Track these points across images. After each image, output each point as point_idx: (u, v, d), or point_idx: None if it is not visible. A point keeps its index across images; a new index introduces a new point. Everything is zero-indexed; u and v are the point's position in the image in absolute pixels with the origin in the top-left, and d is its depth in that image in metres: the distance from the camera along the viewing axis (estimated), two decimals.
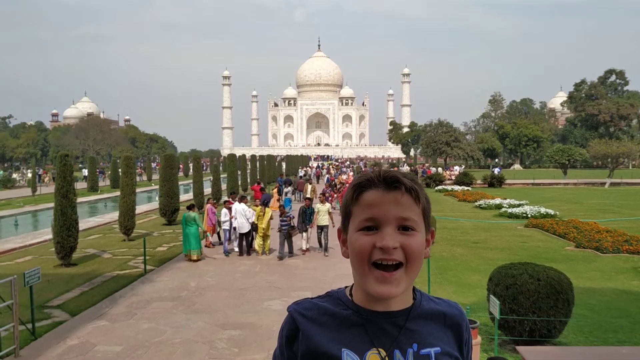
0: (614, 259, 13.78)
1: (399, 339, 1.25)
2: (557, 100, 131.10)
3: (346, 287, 1.39)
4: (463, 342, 1.35)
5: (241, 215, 14.77)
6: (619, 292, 10.65)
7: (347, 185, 23.13)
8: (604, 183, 45.42)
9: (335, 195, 25.52)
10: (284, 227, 14.22)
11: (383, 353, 1.23)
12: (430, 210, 1.31)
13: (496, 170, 52.21)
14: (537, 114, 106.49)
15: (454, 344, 1.32)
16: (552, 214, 22.32)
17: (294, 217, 14.97)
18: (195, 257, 13.89)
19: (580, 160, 58.13)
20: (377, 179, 1.26)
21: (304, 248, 15.08)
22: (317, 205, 15.45)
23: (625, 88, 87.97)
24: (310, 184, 28.42)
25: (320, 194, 18.74)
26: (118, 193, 18.54)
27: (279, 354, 1.37)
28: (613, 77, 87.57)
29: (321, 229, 14.90)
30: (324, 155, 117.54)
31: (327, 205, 15.71)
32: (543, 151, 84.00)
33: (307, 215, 15.09)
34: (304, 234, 15.10)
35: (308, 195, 24.86)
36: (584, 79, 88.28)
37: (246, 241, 14.91)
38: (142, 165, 74.29)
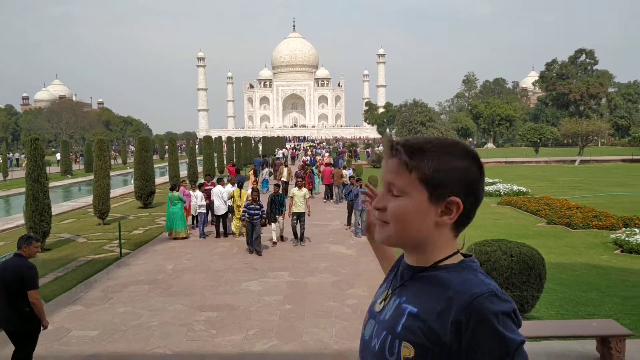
0: (584, 234, 14.10)
1: (399, 288, 1.38)
2: (529, 80, 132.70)
3: None
4: (458, 328, 1.18)
5: (218, 197, 14.72)
6: (589, 266, 10.92)
7: (321, 166, 22.51)
8: (574, 161, 46.24)
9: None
10: (255, 218, 12.52)
11: (389, 293, 1.41)
12: (437, 178, 1.27)
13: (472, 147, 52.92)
14: (509, 94, 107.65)
15: (441, 318, 1.21)
16: (525, 191, 22.68)
17: (263, 208, 12.99)
18: (182, 235, 14.39)
19: (551, 138, 59.06)
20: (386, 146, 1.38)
21: (274, 240, 13.68)
22: (293, 190, 14.06)
23: (595, 67, 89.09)
24: (286, 166, 25.52)
25: (297, 177, 17.15)
26: (92, 177, 18.29)
27: None
28: (583, 57, 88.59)
29: (297, 217, 13.58)
30: (299, 137, 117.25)
31: (304, 190, 14.01)
32: (515, 130, 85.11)
33: (276, 204, 13.57)
34: (274, 224, 13.62)
35: (284, 179, 23.27)
36: (555, 58, 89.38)
37: (223, 223, 14.87)
38: (116, 148, 73.18)
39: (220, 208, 14.65)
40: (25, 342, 5.59)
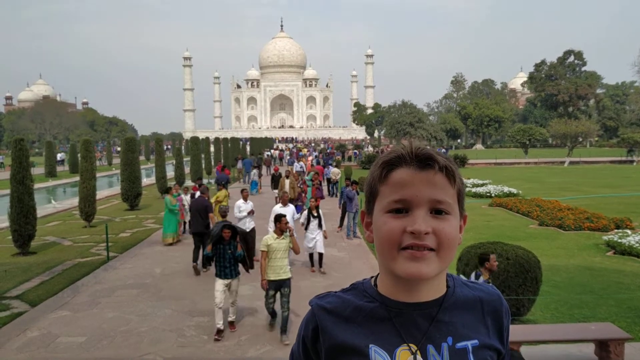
0: (576, 236, 14.08)
1: (431, 333, 1.14)
2: (517, 81, 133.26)
3: (372, 277, 1.27)
4: (504, 330, 1.24)
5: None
6: (582, 268, 10.87)
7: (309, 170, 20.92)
8: (564, 162, 46.49)
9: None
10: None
11: (414, 348, 1.13)
12: (464, 193, 1.20)
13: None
14: (498, 95, 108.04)
15: (494, 333, 1.21)
16: (515, 192, 22.70)
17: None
18: (167, 241, 13.87)
19: (540, 139, 59.36)
20: (409, 156, 1.14)
21: (219, 325, 7.49)
22: (267, 238, 7.70)
23: (583, 68, 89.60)
24: (288, 177, 18.04)
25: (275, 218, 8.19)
26: (77, 178, 18.00)
27: (298, 351, 1.30)
28: (571, 58, 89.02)
29: (279, 286, 7.54)
30: (287, 138, 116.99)
31: (286, 238, 7.80)
32: (504, 131, 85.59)
33: (225, 252, 7.74)
34: (220, 282, 7.77)
35: (286, 189, 16.48)
36: (544, 59, 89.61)
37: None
38: (101, 149, 72.55)
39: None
40: (202, 238, 10.62)
